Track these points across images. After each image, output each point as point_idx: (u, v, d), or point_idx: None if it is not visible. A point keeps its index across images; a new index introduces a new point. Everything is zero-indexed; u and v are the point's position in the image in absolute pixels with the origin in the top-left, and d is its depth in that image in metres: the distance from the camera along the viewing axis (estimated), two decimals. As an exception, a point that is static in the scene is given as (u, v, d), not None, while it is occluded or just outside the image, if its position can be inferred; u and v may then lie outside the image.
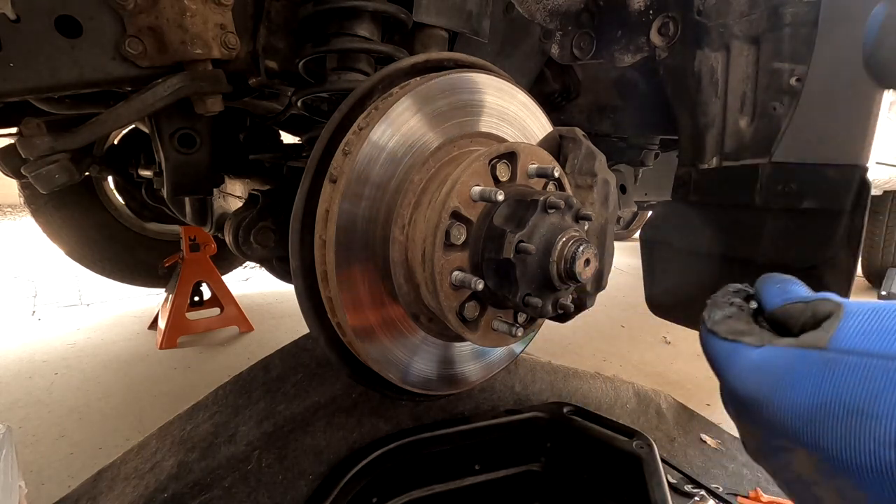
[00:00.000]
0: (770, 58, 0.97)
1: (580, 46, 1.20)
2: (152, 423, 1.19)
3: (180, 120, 1.15)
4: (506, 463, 1.17)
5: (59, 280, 4.04)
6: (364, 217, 0.74)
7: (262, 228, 1.08)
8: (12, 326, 3.04)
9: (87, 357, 2.59)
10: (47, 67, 0.85)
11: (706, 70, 1.04)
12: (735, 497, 1.40)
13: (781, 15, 0.93)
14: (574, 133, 0.84)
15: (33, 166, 0.97)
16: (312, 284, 0.78)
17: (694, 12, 1.02)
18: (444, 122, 0.79)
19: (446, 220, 0.68)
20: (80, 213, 2.91)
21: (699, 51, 1.03)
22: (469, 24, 1.03)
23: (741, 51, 0.99)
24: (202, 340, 2.81)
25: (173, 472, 0.98)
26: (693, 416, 1.78)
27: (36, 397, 2.17)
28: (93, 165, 2.05)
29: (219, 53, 0.93)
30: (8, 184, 2.79)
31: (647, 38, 1.09)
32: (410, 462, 1.07)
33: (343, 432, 1.07)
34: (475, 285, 0.67)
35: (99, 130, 0.96)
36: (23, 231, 6.10)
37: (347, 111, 0.78)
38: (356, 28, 0.95)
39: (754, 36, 0.97)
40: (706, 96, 1.05)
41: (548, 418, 1.18)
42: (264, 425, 1.04)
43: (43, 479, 1.62)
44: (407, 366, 0.83)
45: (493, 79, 0.84)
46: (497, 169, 0.73)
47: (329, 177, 0.74)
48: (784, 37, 0.94)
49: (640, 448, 1.09)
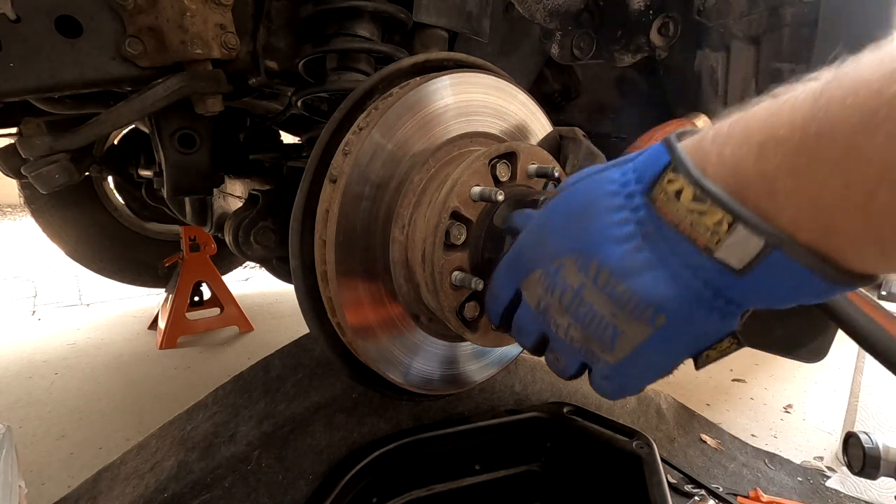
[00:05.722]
0: (770, 58, 0.97)
1: (580, 46, 1.20)
2: (152, 423, 1.19)
3: (180, 120, 1.15)
4: (506, 463, 1.17)
5: (59, 280, 4.04)
6: (364, 217, 0.74)
7: (262, 228, 1.08)
8: (12, 326, 3.03)
9: (87, 357, 2.59)
10: (47, 67, 0.85)
11: (706, 70, 1.04)
12: (735, 497, 1.40)
13: (781, 15, 0.93)
14: (574, 133, 0.84)
15: (33, 166, 0.97)
16: (312, 284, 0.78)
17: (694, 12, 1.02)
18: (443, 122, 0.79)
19: (446, 220, 0.68)
20: (80, 213, 2.91)
21: (699, 51, 1.04)
22: (469, 24, 1.03)
23: (741, 51, 0.99)
24: (202, 340, 2.81)
25: (173, 472, 0.98)
26: (693, 416, 1.78)
27: (36, 397, 2.17)
28: (93, 165, 2.05)
29: (219, 53, 0.93)
30: (8, 184, 2.79)
31: (647, 37, 1.09)
32: (410, 462, 1.07)
33: (343, 432, 1.07)
34: (475, 285, 0.67)
35: (99, 130, 0.96)
36: (23, 231, 6.09)
37: (347, 111, 0.78)
38: (356, 28, 0.95)
39: (754, 36, 0.97)
40: (706, 96, 1.05)
41: (548, 418, 1.18)
42: (264, 425, 1.04)
43: (43, 479, 1.62)
44: (407, 366, 0.83)
45: (493, 79, 0.84)
46: (497, 169, 0.73)
47: (329, 177, 0.74)
48: (784, 37, 0.94)
49: (640, 448, 1.09)
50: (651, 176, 0.40)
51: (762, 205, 0.34)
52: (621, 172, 0.43)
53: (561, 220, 0.47)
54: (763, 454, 1.68)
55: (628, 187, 0.42)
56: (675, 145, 0.39)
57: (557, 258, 0.47)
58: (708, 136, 0.38)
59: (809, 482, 1.57)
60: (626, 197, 0.42)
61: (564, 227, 0.47)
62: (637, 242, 0.40)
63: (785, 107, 0.33)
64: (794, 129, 0.32)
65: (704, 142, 0.38)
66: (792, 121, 0.32)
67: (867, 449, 1.05)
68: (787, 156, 0.32)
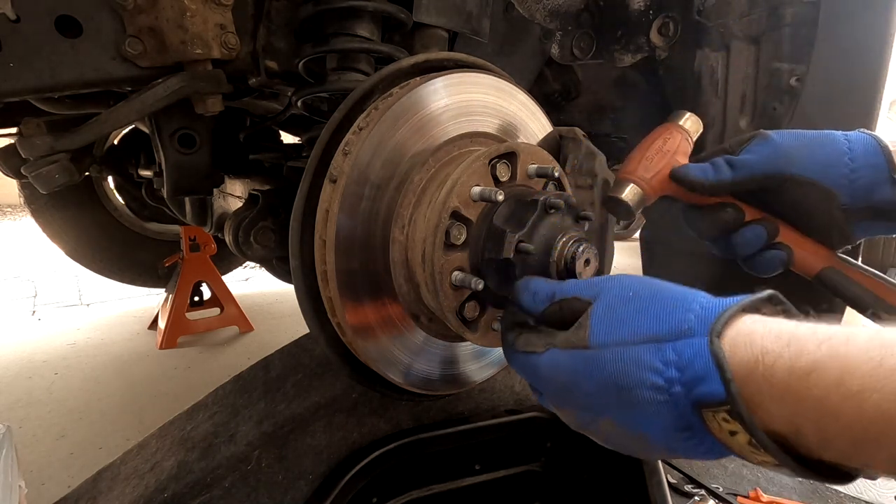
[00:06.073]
0: (770, 58, 0.97)
1: (580, 46, 1.20)
2: (152, 423, 1.19)
3: (180, 120, 1.15)
4: (506, 463, 1.17)
5: (59, 280, 4.04)
6: (364, 217, 0.74)
7: (262, 228, 1.08)
8: (12, 326, 3.04)
9: (87, 357, 2.59)
10: (47, 67, 0.85)
11: (706, 70, 1.04)
12: (735, 497, 1.40)
13: (781, 15, 0.94)
14: (574, 133, 0.84)
15: (33, 166, 0.97)
16: (312, 284, 0.78)
17: (694, 12, 1.02)
18: (443, 122, 0.79)
19: (446, 220, 0.68)
20: (80, 213, 2.91)
21: (699, 51, 1.04)
22: (469, 24, 1.03)
23: (741, 51, 1.00)
24: (202, 340, 2.81)
25: (173, 472, 0.98)
26: (693, 416, 1.78)
27: (36, 397, 2.17)
28: (93, 165, 2.05)
29: (219, 53, 0.93)
30: (8, 184, 2.79)
31: (647, 37, 1.09)
32: (410, 462, 1.07)
33: (343, 432, 1.07)
34: (475, 285, 0.67)
35: (99, 130, 0.96)
36: (23, 231, 6.10)
37: (347, 111, 0.78)
38: (356, 28, 0.95)
39: (754, 36, 0.97)
40: (706, 96, 1.05)
41: (548, 418, 1.18)
42: (264, 425, 1.04)
43: (43, 479, 1.62)
44: (407, 366, 0.83)
45: (493, 79, 0.84)
46: (497, 169, 0.73)
47: (329, 177, 0.74)
48: (784, 37, 0.94)
49: (640, 448, 1.09)
50: (701, 398, 0.42)
51: (811, 446, 0.39)
52: (662, 362, 0.45)
53: (593, 387, 0.49)
54: (763, 454, 1.68)
55: (674, 388, 0.44)
56: (733, 390, 0.40)
57: (592, 414, 0.51)
58: (759, 371, 0.40)
59: (809, 482, 1.57)
60: (670, 395, 0.44)
61: (599, 395, 0.49)
62: (682, 427, 0.44)
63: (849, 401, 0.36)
64: (862, 420, 0.35)
65: (756, 379, 0.40)
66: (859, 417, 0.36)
67: (867, 449, 1.06)
68: (849, 440, 0.37)
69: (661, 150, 0.78)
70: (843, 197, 0.69)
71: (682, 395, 0.43)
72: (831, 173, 0.68)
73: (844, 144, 0.69)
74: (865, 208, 0.69)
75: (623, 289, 0.52)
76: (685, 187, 0.75)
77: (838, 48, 0.91)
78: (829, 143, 0.70)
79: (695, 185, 0.74)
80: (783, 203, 0.73)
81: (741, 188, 0.73)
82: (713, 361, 0.41)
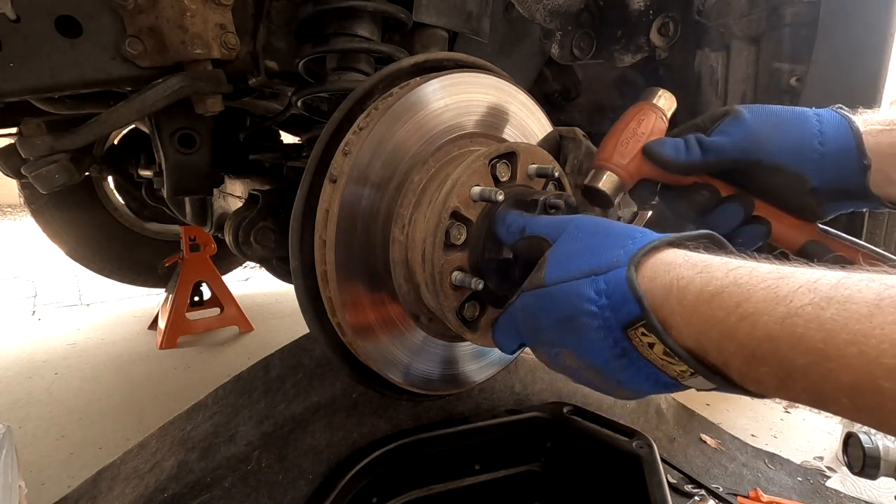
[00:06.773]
0: (770, 58, 0.97)
1: (580, 46, 1.20)
2: (152, 423, 1.18)
3: (180, 120, 1.15)
4: (506, 463, 1.17)
5: (59, 280, 4.04)
6: (364, 217, 0.74)
7: (262, 228, 1.08)
8: (12, 326, 3.03)
9: (87, 357, 2.59)
10: (47, 67, 0.85)
11: (706, 70, 1.04)
12: (735, 497, 1.40)
13: (781, 15, 0.94)
14: (574, 133, 0.84)
15: (33, 166, 0.97)
16: (312, 284, 0.78)
17: (694, 12, 1.02)
18: (443, 122, 0.79)
19: (446, 220, 0.68)
20: (80, 213, 2.91)
21: (699, 51, 1.04)
22: (469, 24, 1.03)
23: (741, 51, 1.00)
24: (202, 340, 2.81)
25: (173, 472, 0.98)
26: (693, 416, 1.78)
27: (36, 397, 2.17)
28: (93, 165, 2.05)
29: (219, 53, 0.93)
30: (8, 184, 2.79)
31: (647, 37, 1.09)
32: (410, 462, 1.07)
33: (343, 432, 1.07)
34: (475, 285, 0.67)
35: (99, 130, 0.96)
36: (23, 231, 6.09)
37: (347, 111, 0.78)
38: (356, 28, 0.95)
39: (754, 36, 0.97)
40: (706, 96, 1.05)
41: (548, 418, 1.18)
42: (264, 425, 1.04)
43: (43, 479, 1.62)
44: (407, 366, 0.83)
45: (493, 78, 0.84)
46: (497, 169, 0.73)
47: (329, 177, 0.74)
48: (784, 37, 0.94)
49: (640, 448, 1.09)
50: (624, 319, 0.48)
51: (716, 363, 0.44)
52: (595, 292, 0.51)
53: (550, 321, 0.56)
54: (763, 454, 1.68)
55: (605, 313, 0.50)
56: (645, 305, 0.46)
57: (556, 348, 0.57)
58: (673, 293, 0.46)
59: (809, 482, 1.57)
60: (603, 320, 0.50)
61: (555, 328, 0.56)
62: (618, 352, 0.50)
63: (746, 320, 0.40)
64: (752, 340, 0.40)
65: (671, 301, 0.46)
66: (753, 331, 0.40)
67: (867, 449, 1.06)
68: (743, 357, 0.41)
69: (636, 132, 0.77)
70: (813, 181, 0.69)
71: (612, 319, 0.49)
72: (801, 157, 0.69)
73: (816, 126, 0.69)
74: (835, 190, 0.69)
75: (577, 229, 0.58)
76: (658, 165, 0.75)
77: (838, 48, 0.91)
78: (800, 123, 0.69)
79: (668, 165, 0.74)
80: (755, 183, 0.73)
81: (713, 169, 0.74)
82: (627, 284, 0.48)
